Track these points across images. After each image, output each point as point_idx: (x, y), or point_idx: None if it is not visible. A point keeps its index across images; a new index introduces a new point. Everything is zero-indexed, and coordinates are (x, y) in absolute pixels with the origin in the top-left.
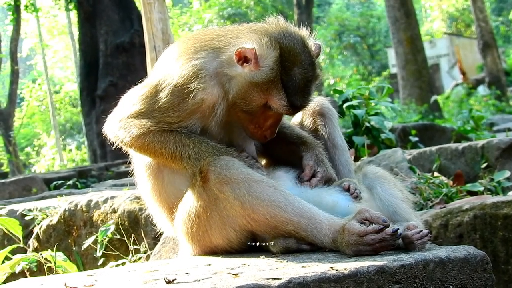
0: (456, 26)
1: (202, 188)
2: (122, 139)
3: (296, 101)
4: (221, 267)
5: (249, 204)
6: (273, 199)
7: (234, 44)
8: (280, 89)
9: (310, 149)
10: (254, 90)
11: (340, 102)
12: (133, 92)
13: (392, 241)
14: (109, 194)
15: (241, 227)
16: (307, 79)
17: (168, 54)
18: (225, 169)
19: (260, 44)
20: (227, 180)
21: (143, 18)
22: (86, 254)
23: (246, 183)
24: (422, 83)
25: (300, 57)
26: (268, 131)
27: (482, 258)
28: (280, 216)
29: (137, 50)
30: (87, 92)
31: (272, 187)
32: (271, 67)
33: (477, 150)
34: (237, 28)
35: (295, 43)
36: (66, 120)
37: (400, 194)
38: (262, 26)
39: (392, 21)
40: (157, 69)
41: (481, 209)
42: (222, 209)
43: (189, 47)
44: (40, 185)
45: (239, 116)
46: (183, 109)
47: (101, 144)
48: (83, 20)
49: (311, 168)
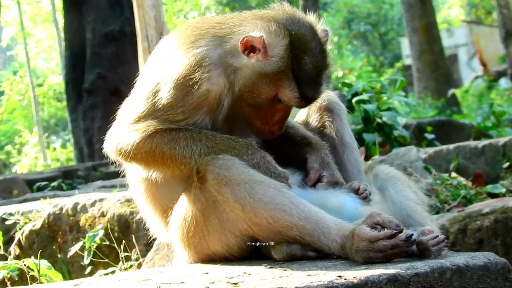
0: (476, 13)
1: (199, 190)
2: (125, 150)
3: (308, 92)
4: (219, 275)
5: (250, 207)
6: (276, 202)
7: (238, 32)
8: (291, 79)
9: (315, 151)
10: (263, 81)
11: (349, 96)
12: (130, 99)
13: (405, 248)
14: (97, 196)
15: (241, 232)
16: (318, 68)
17: (164, 46)
18: (225, 169)
19: (269, 32)
20: (227, 181)
21: (134, 5)
22: (73, 262)
23: (247, 184)
24: (439, 75)
25: (310, 44)
26: (276, 126)
27: (503, 265)
28: (284, 220)
29: (128, 39)
30: (73, 85)
31: (276, 188)
32: (282, 56)
33: (499, 148)
34: (240, 15)
35: (305, 30)
36: (50, 116)
37: (414, 196)
38: (268, 12)
39: (406, 8)
40: (153, 64)
41: (503, 213)
42: (221, 213)
43: (188, 35)
44: (22, 187)
45: (244, 111)
46: (189, 103)
47: (88, 142)
48: (69, 6)
49: (316, 171)
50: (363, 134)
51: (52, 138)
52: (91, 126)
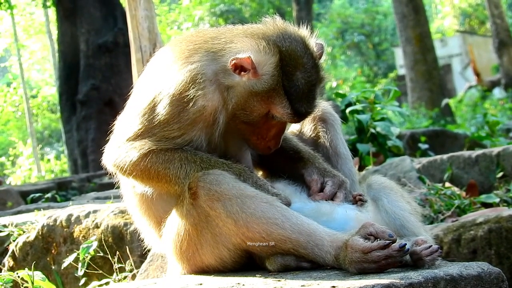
0: (469, 23)
1: (191, 206)
2: (122, 166)
3: (301, 107)
4: (213, 286)
5: (243, 222)
6: (269, 216)
7: (229, 50)
8: (282, 96)
9: (309, 163)
10: (254, 99)
11: (343, 106)
12: (127, 112)
13: (399, 258)
14: (91, 207)
15: (235, 245)
16: (311, 83)
17: (158, 61)
18: (216, 185)
19: (257, 51)
20: (218, 196)
21: (127, 16)
22: (67, 274)
23: (239, 199)
24: (433, 85)
25: (302, 60)
26: (272, 142)
27: (497, 275)
28: (277, 234)
29: (121, 50)
30: (67, 97)
31: (267, 202)
32: (272, 73)
33: (492, 158)
34: (232, 30)
35: (296, 45)
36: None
37: (408, 206)
38: (259, 28)
39: (400, 18)
40: (148, 78)
41: (497, 223)
42: (214, 227)
43: (182, 50)
44: (16, 198)
45: (239, 128)
46: (184, 119)
47: (82, 153)
48: (63, 17)
49: (317, 182)
50: (357, 144)
51: (46, 149)
52: (85, 137)
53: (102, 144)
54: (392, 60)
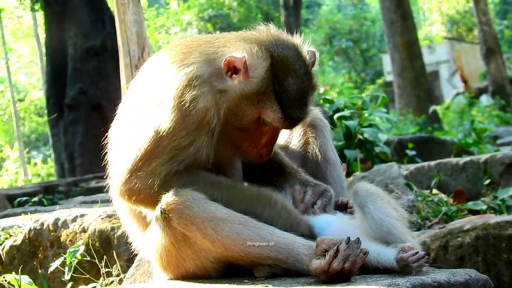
0: (457, 30)
1: (168, 228)
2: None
3: (292, 113)
4: None
5: (220, 243)
6: (244, 237)
7: (222, 53)
8: (273, 101)
9: (290, 177)
10: (245, 103)
11: (331, 112)
12: (125, 127)
13: (356, 252)
14: (79, 212)
15: (216, 259)
16: (302, 89)
17: (152, 67)
18: (186, 208)
19: (250, 53)
20: (191, 220)
21: (116, 20)
22: (53, 278)
23: (212, 222)
24: (420, 92)
25: (293, 66)
26: (264, 150)
27: (485, 282)
28: (256, 253)
29: (110, 54)
30: (54, 100)
31: (240, 223)
32: (262, 77)
33: (480, 165)
34: (225, 36)
35: (288, 52)
36: (31, 131)
37: (394, 212)
38: (252, 34)
39: (388, 24)
40: (144, 87)
41: (484, 229)
42: (193, 244)
43: (177, 53)
44: (2, 202)
45: (231, 135)
46: (190, 123)
47: (69, 157)
48: (51, 21)
49: (299, 191)
50: (345, 150)
51: (33, 153)
52: (72, 141)
53: (89, 148)
54: (379, 66)
